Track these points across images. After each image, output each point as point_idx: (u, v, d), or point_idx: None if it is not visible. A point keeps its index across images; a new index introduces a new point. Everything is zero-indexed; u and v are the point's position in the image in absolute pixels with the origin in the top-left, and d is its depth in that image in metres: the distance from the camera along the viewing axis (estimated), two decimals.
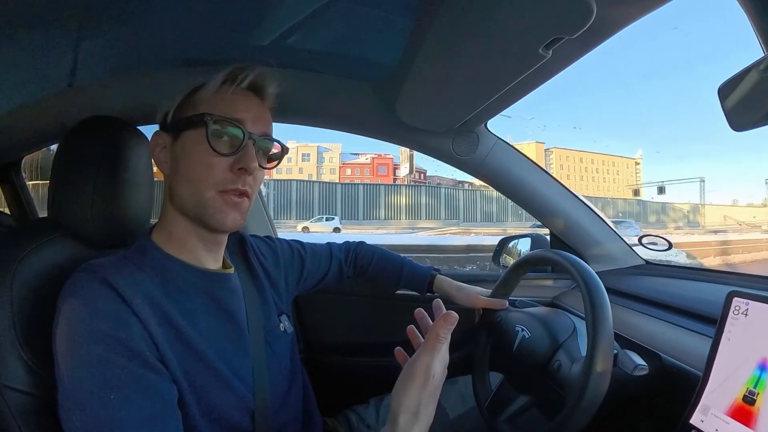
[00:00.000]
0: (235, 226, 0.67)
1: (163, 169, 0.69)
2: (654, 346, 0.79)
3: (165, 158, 0.69)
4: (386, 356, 1.34)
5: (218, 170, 0.64)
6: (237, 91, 0.67)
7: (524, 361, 0.83)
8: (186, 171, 0.65)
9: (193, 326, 0.64)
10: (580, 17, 0.57)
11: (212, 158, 0.64)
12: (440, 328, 0.57)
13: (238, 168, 0.64)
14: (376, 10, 0.89)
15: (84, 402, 0.53)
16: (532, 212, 1.31)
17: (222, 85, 0.67)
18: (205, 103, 0.65)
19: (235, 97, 0.67)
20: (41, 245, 0.66)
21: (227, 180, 0.65)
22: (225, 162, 0.64)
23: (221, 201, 0.65)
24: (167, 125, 0.69)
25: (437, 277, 1.07)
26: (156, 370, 0.57)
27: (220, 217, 0.65)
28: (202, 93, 0.66)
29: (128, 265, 0.62)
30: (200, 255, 0.70)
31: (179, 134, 0.67)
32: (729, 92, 0.59)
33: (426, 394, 0.55)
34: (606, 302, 0.70)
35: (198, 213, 0.66)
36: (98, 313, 0.55)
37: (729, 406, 0.57)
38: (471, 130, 1.18)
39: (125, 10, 0.83)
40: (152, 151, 0.70)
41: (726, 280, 1.02)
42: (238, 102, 0.67)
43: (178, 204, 0.67)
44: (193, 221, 0.67)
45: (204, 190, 0.64)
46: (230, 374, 0.66)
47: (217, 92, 0.66)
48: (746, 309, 0.60)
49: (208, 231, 0.69)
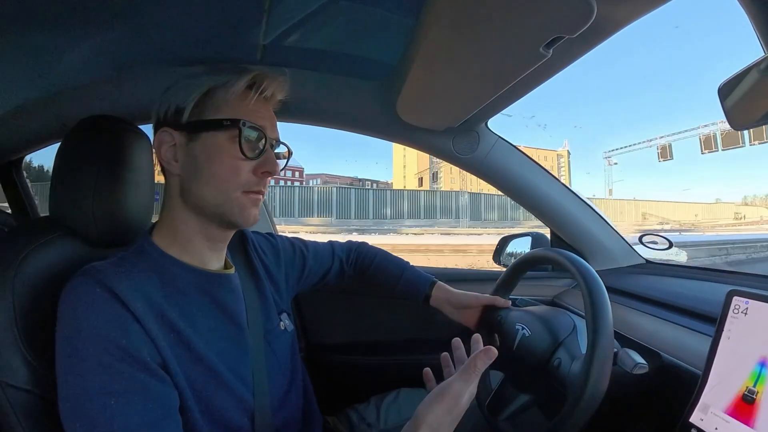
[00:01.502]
0: (255, 222, 0.70)
1: (172, 168, 0.67)
2: (654, 344, 0.80)
3: (175, 157, 0.67)
4: (387, 355, 1.36)
5: (244, 173, 0.66)
6: (257, 98, 0.68)
7: (525, 360, 0.83)
8: (209, 172, 0.65)
9: (193, 328, 0.64)
10: (580, 16, 0.57)
11: (240, 161, 0.66)
12: (479, 360, 0.61)
13: (262, 171, 0.67)
14: (376, 9, 0.89)
15: (84, 407, 0.53)
16: (533, 211, 1.31)
17: (246, 90, 0.68)
18: (228, 107, 0.66)
19: (258, 104, 0.68)
20: (43, 244, 0.66)
21: (252, 182, 0.67)
22: (249, 165, 0.67)
23: (246, 200, 0.67)
24: (181, 123, 0.66)
25: (437, 285, 1.04)
26: (157, 376, 0.57)
27: (246, 214, 0.68)
28: (223, 95, 0.66)
29: (127, 268, 0.62)
30: (204, 255, 0.70)
31: (198, 134, 0.66)
32: (729, 91, 0.60)
33: (450, 417, 0.58)
34: (606, 301, 0.70)
35: (221, 211, 0.67)
36: (98, 318, 0.55)
37: (728, 405, 0.57)
38: (472, 128, 1.18)
39: (126, 9, 0.83)
40: (158, 148, 0.68)
41: (726, 280, 1.02)
42: (261, 109, 0.69)
43: (194, 203, 0.67)
44: (209, 219, 0.68)
45: (230, 190, 0.66)
46: (230, 375, 0.66)
47: (239, 97, 0.67)
48: (746, 308, 0.60)
49: (224, 229, 0.70)
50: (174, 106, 0.67)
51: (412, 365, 1.33)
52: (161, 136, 0.67)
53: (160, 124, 0.68)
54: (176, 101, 0.67)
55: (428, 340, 1.35)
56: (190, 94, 0.66)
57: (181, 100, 0.66)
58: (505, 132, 1.20)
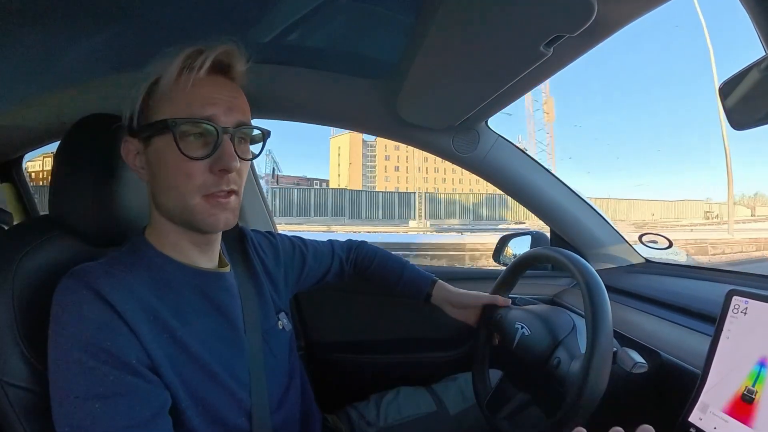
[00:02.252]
0: (227, 226, 0.64)
1: (142, 176, 0.65)
2: (653, 344, 0.80)
3: (140, 164, 0.64)
4: (387, 353, 1.36)
5: (197, 175, 0.59)
6: (199, 80, 0.59)
7: (524, 358, 0.83)
8: (165, 179, 0.61)
9: (186, 327, 0.63)
10: (581, 15, 0.57)
11: (188, 164, 0.59)
12: None
13: (219, 169, 0.60)
14: (376, 7, 0.89)
15: (69, 411, 0.52)
16: (533, 210, 1.30)
17: (179, 76, 0.58)
18: (165, 101, 0.59)
19: (199, 88, 0.59)
20: (42, 243, 0.66)
21: (210, 183, 0.60)
22: (203, 165, 0.59)
23: (208, 205, 0.61)
24: (134, 130, 0.63)
25: (437, 284, 1.04)
26: (145, 378, 0.56)
27: (212, 221, 0.62)
28: (163, 90, 0.59)
29: (118, 268, 0.60)
30: (194, 256, 0.68)
31: (149, 140, 0.61)
32: (729, 91, 0.59)
33: None
34: (606, 300, 0.70)
35: (186, 219, 0.63)
36: (84, 321, 0.54)
37: (727, 404, 0.57)
38: (472, 127, 1.17)
39: (125, 8, 0.83)
40: (125, 158, 0.64)
41: (725, 279, 1.02)
42: (204, 93, 0.59)
43: (164, 211, 0.64)
44: (181, 225, 0.65)
45: (187, 197, 0.60)
46: (226, 375, 0.66)
47: (176, 84, 0.58)
48: (745, 308, 0.60)
49: (200, 234, 0.66)
50: (129, 111, 0.63)
51: (413, 364, 1.34)
52: (126, 146, 0.64)
53: (125, 132, 0.65)
54: (130, 106, 0.63)
55: (428, 338, 1.35)
56: (137, 97, 0.62)
57: (131, 105, 0.62)
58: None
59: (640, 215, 33.44)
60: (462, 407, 1.05)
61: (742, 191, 63.83)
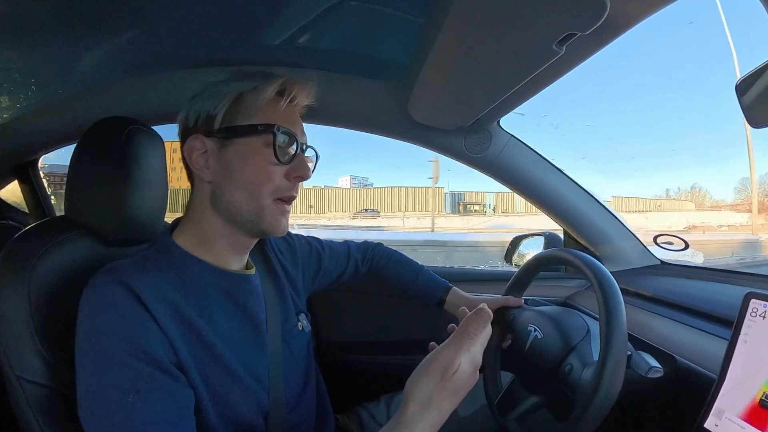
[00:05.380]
0: (284, 232, 0.71)
1: (204, 174, 0.67)
2: (669, 347, 0.78)
3: (207, 163, 0.67)
4: (397, 354, 1.36)
5: (277, 178, 0.67)
6: (285, 103, 0.69)
7: (536, 363, 0.82)
8: (242, 178, 0.66)
9: (212, 328, 0.64)
10: (593, 13, 0.56)
11: (272, 166, 0.66)
12: (471, 322, 0.58)
13: (295, 176, 0.68)
14: (387, 8, 0.89)
15: (103, 404, 0.53)
16: (546, 211, 1.29)
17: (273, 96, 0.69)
18: (259, 113, 0.67)
19: (288, 110, 0.70)
20: (58, 243, 0.67)
21: (284, 187, 0.68)
22: (282, 170, 0.67)
23: (277, 210, 0.68)
24: (213, 130, 0.67)
25: (452, 290, 1.05)
26: (173, 376, 0.57)
27: (276, 224, 0.68)
28: (254, 101, 0.67)
29: (149, 267, 0.62)
30: (227, 256, 0.70)
31: (231, 140, 0.66)
32: (746, 88, 0.58)
33: (441, 388, 0.55)
34: (620, 304, 0.68)
35: (252, 219, 0.67)
36: (117, 316, 0.56)
37: (744, 410, 0.56)
38: (483, 127, 1.17)
39: (138, 13, 0.85)
40: (188, 156, 0.68)
41: (743, 282, 1.00)
42: (290, 114, 0.70)
43: (226, 209, 0.67)
44: (238, 226, 0.68)
45: (262, 197, 0.66)
46: (247, 375, 0.67)
47: (270, 103, 0.68)
48: (764, 311, 0.59)
49: (252, 236, 0.71)
50: (204, 113, 0.67)
51: None
52: (192, 143, 0.67)
53: (190, 131, 0.68)
54: (206, 108, 0.67)
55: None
56: (221, 101, 0.67)
57: (212, 107, 0.67)
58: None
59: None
60: (472, 409, 1.05)
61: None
